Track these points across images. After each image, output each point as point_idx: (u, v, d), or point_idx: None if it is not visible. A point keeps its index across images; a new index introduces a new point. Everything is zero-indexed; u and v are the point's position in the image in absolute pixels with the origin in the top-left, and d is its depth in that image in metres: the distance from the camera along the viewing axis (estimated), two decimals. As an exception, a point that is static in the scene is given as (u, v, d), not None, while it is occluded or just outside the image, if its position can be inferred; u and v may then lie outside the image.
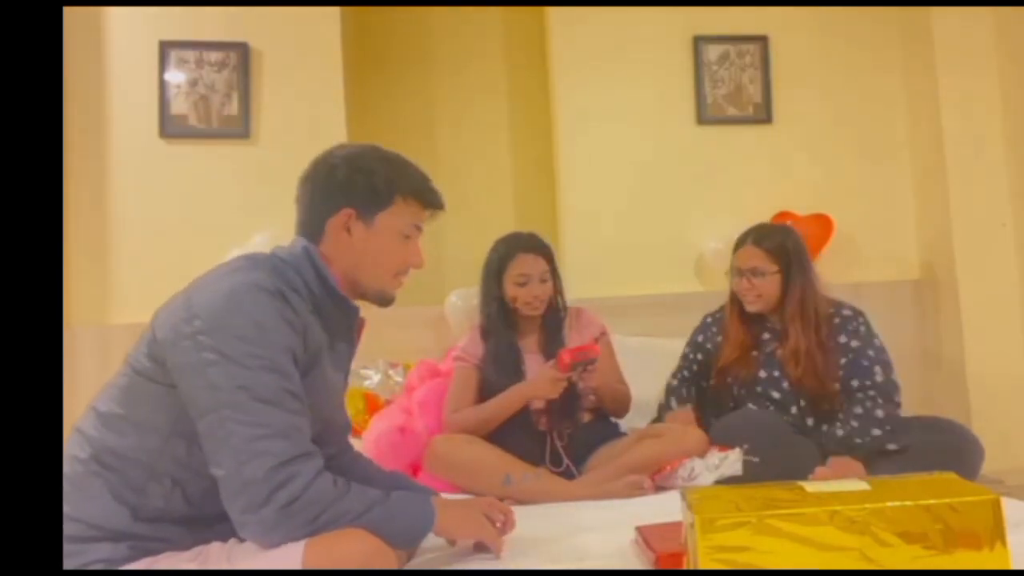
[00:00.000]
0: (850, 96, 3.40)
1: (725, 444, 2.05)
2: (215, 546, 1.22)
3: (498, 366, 2.22)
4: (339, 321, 1.39)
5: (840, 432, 2.09)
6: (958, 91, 3.20)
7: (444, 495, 1.54)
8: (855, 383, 2.19)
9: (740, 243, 2.32)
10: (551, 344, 2.25)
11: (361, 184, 1.38)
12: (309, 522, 1.14)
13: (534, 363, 2.23)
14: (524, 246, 2.26)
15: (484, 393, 2.21)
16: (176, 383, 1.19)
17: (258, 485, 1.12)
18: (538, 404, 2.16)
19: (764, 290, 2.25)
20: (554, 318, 2.30)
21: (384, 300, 1.44)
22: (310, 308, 1.32)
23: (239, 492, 1.13)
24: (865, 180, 3.38)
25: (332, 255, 1.38)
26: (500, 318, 2.26)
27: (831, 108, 3.38)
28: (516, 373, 2.20)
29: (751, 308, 2.29)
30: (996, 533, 1.00)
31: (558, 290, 2.31)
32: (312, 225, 1.39)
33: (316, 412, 1.29)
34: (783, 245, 2.27)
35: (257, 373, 1.16)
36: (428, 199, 1.45)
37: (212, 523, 1.23)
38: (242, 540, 1.19)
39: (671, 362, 2.45)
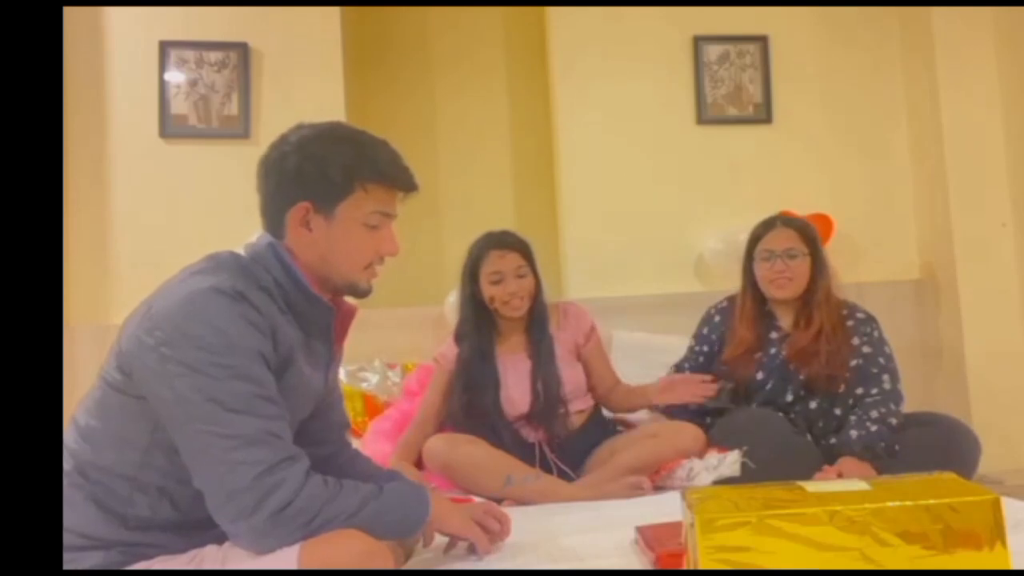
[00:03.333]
0: (850, 96, 3.40)
1: (726, 444, 2.05)
2: (210, 548, 1.20)
3: (470, 373, 2.16)
4: (313, 319, 1.31)
5: (854, 433, 2.08)
6: (958, 91, 3.20)
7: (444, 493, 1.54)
8: (860, 390, 2.19)
9: (768, 227, 2.31)
10: (538, 345, 2.19)
11: (313, 174, 1.27)
12: (303, 526, 1.12)
13: (519, 364, 2.19)
14: (495, 244, 2.19)
15: (452, 399, 2.17)
16: (144, 395, 1.16)
17: (244, 494, 1.09)
18: (521, 411, 2.14)
19: (797, 272, 2.23)
20: (539, 317, 2.21)
21: (358, 293, 1.35)
22: (281, 307, 1.26)
23: (225, 503, 1.11)
24: (865, 180, 3.38)
25: (296, 250, 1.30)
26: (474, 321, 2.19)
27: (831, 108, 3.38)
28: (490, 381, 2.14)
29: (780, 294, 2.24)
30: (996, 533, 1.00)
31: (539, 287, 2.22)
32: (272, 219, 1.32)
33: (294, 413, 1.26)
34: (810, 229, 2.31)
35: (225, 383, 1.12)
36: (394, 182, 1.33)
37: (204, 528, 1.20)
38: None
39: (673, 359, 2.44)
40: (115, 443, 1.20)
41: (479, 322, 2.19)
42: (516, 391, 2.16)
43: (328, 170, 1.27)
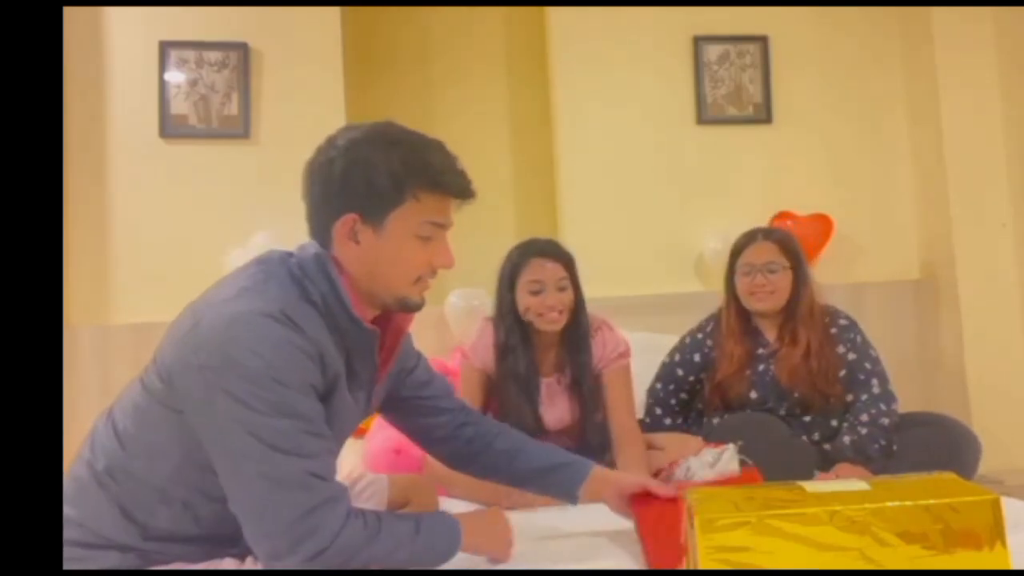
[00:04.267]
0: (850, 96, 3.40)
1: (720, 442, 2.05)
2: (228, 561, 1.20)
3: (516, 388, 2.03)
4: (355, 340, 1.23)
5: (847, 439, 2.09)
6: (958, 91, 3.20)
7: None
8: (849, 397, 2.19)
9: (749, 240, 2.30)
10: (571, 366, 2.06)
11: (360, 183, 1.19)
12: (337, 566, 1.10)
13: (551, 387, 2.08)
14: (538, 251, 2.06)
15: (492, 398, 2.08)
16: (184, 411, 1.13)
17: (279, 537, 1.08)
18: (547, 434, 2.06)
19: (778, 286, 2.21)
20: (575, 334, 2.06)
21: (408, 308, 1.28)
22: (328, 324, 1.19)
23: (261, 540, 1.10)
24: (865, 180, 3.38)
25: (344, 263, 1.22)
26: (517, 333, 2.04)
27: (831, 108, 3.38)
28: (532, 399, 2.04)
29: (760, 306, 2.23)
30: (996, 533, 1.00)
31: (580, 303, 2.10)
32: (318, 229, 1.24)
33: (339, 438, 1.24)
34: (792, 242, 2.29)
35: (269, 419, 1.08)
36: (449, 189, 1.24)
37: (224, 544, 1.20)
38: (256, 560, 1.17)
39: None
40: (148, 452, 1.17)
41: (522, 334, 2.05)
42: (546, 415, 2.07)
43: (376, 178, 1.19)
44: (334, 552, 1.09)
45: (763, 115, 3.34)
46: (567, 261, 2.07)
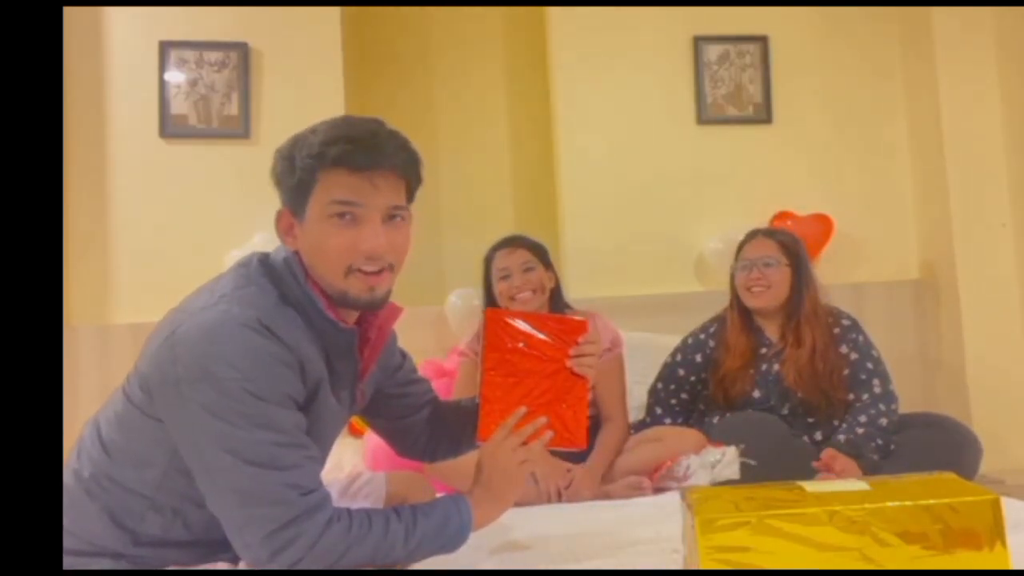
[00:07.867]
0: (850, 96, 3.39)
1: (723, 442, 2.05)
2: (220, 565, 1.20)
3: None
4: (335, 339, 1.21)
5: (842, 437, 2.09)
6: (958, 91, 3.20)
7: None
8: (851, 396, 2.20)
9: (750, 237, 2.34)
10: None
11: (284, 173, 1.21)
12: (324, 567, 1.10)
13: None
14: (502, 244, 2.22)
15: None
16: (164, 420, 1.13)
17: (256, 550, 1.08)
18: None
19: (772, 280, 2.23)
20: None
21: (350, 303, 1.20)
22: (305, 324, 1.17)
23: (242, 550, 1.11)
24: (865, 180, 3.38)
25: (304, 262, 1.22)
26: None
27: (831, 108, 3.38)
28: None
29: (755, 303, 2.24)
30: (996, 533, 1.00)
31: (557, 287, 2.22)
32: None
33: (323, 441, 1.24)
34: (794, 243, 2.31)
35: (246, 432, 1.06)
36: (342, 161, 1.15)
37: (215, 549, 1.20)
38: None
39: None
40: (134, 461, 1.17)
41: None
42: None
43: (294, 164, 1.18)
44: (312, 560, 1.08)
45: (763, 115, 3.34)
46: (531, 247, 2.20)
